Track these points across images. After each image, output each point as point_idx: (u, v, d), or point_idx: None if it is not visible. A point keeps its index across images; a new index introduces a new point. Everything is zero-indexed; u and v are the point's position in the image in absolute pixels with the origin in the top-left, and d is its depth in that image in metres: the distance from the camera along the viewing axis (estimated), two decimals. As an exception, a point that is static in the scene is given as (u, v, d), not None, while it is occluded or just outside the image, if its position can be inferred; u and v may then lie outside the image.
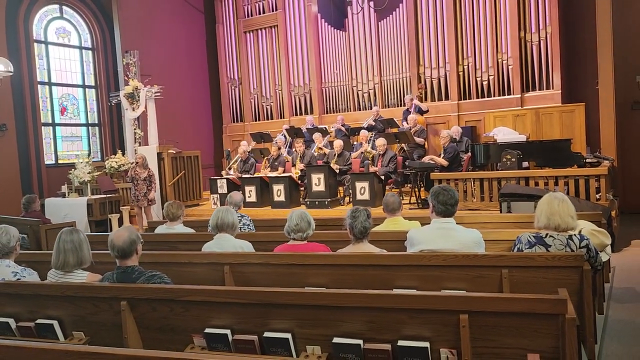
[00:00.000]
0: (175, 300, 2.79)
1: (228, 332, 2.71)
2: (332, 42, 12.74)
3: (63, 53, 12.85)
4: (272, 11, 13.46)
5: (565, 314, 2.18)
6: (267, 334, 2.64)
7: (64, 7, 12.85)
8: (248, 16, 13.86)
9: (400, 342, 2.42)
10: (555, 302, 2.20)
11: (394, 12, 11.86)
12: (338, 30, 12.69)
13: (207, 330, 2.73)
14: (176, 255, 3.81)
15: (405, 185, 9.58)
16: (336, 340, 2.52)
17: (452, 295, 2.38)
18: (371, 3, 12.07)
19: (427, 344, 2.39)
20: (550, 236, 3.00)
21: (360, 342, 2.48)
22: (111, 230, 9.94)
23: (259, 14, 13.71)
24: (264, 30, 13.65)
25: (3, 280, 3.20)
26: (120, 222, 10.23)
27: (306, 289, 2.70)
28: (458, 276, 3.17)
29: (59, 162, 12.56)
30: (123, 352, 2.08)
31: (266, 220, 6.85)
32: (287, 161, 10.34)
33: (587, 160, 7.48)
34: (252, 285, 3.51)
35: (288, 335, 2.61)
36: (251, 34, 13.83)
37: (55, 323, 3.03)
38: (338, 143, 9.69)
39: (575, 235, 3.00)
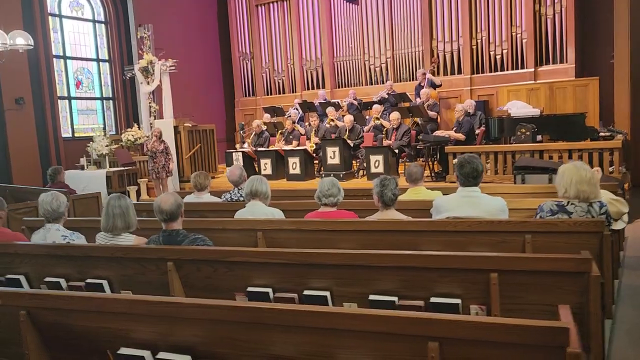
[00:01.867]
0: (220, 261, 2.98)
1: (269, 290, 2.91)
2: (344, 15, 12.73)
3: (77, 26, 12.91)
4: (284, -16, 13.42)
5: (591, 272, 2.35)
6: (306, 292, 2.83)
7: (77, -20, 12.87)
8: (260, -11, 13.83)
9: (433, 299, 2.61)
10: (581, 261, 2.37)
11: (407, -15, 11.82)
12: (350, 4, 12.66)
13: (250, 289, 2.93)
14: (211, 221, 4.00)
15: (418, 158, 9.72)
16: (372, 297, 2.71)
17: (483, 255, 2.55)
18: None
19: (458, 301, 2.57)
20: (572, 204, 3.15)
21: (395, 299, 2.67)
22: (129, 202, 10.19)
23: (271, -14, 13.67)
24: (275, 4, 13.63)
25: (54, 243, 3.40)
26: (139, 194, 10.47)
27: (343, 250, 2.87)
28: (482, 241, 3.34)
29: (76, 135, 12.75)
30: (187, 301, 2.27)
31: (282, 191, 7.05)
32: (302, 135, 10.47)
33: (601, 134, 7.58)
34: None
35: (327, 294, 2.80)
36: (263, 7, 13.82)
37: (104, 282, 3.24)
38: (348, 118, 9.78)
39: (595, 202, 3.15)
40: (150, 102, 11.75)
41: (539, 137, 7.81)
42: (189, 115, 10.77)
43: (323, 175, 9.14)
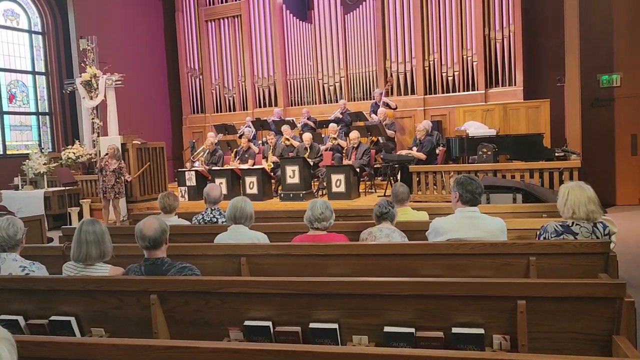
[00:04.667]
0: (212, 293, 2.66)
1: (269, 324, 2.62)
2: (297, 33, 12.61)
3: (11, 37, 12.06)
4: (235, 0, 13.17)
5: (624, 297, 2.24)
6: (312, 325, 2.56)
7: (12, -12, 12.07)
8: (210, 5, 13.50)
9: (455, 330, 2.42)
10: (614, 286, 2.26)
11: (360, 6, 11.89)
12: (303, 22, 12.58)
13: (247, 322, 2.63)
14: (189, 247, 3.65)
15: (376, 177, 9.67)
16: (387, 329, 2.48)
17: (510, 282, 2.39)
18: (338, -4, 12.02)
19: (482, 331, 2.39)
20: (577, 224, 3.09)
21: (413, 330, 2.46)
22: (71, 224, 9.48)
23: (221, 2, 13.38)
24: (226, 20, 13.34)
25: (10, 275, 2.95)
26: (81, 216, 9.76)
27: (354, 278, 2.64)
28: (484, 264, 3.21)
29: (8, 152, 11.81)
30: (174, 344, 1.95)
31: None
32: (257, 153, 10.17)
33: (556, 154, 7.80)
34: (269, 277, 3.42)
35: (335, 326, 2.55)
36: (213, 23, 13.48)
37: (72, 319, 2.83)
38: (307, 136, 9.61)
39: (599, 223, 3.10)
40: (93, 118, 11.09)
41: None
42: (137, 132, 10.20)
43: (282, 194, 8.88)
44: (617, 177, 9.48)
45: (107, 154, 8.52)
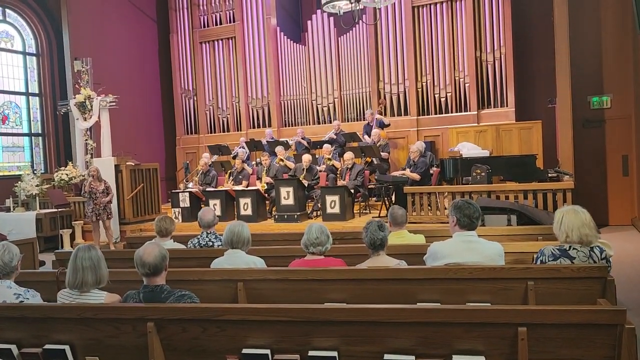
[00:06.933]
0: (210, 320, 2.64)
1: (268, 352, 2.59)
2: (291, 55, 12.72)
3: (5, 58, 12.08)
4: (230, 22, 13.29)
5: (625, 324, 2.24)
6: (311, 353, 2.54)
7: (7, 10, 12.14)
8: (204, 27, 13.61)
9: (455, 357, 2.40)
10: (615, 313, 2.26)
11: (354, 29, 12.02)
12: (297, 44, 12.70)
13: (245, 350, 2.60)
14: (186, 272, 3.62)
15: (371, 198, 9.68)
16: (388, 357, 2.46)
17: (511, 309, 2.39)
18: (331, 19, 12.15)
19: (483, 358, 2.38)
20: (574, 248, 3.10)
21: (413, 357, 2.44)
22: (62, 247, 9.39)
23: (216, 25, 13.49)
24: (220, 42, 13.44)
25: (4, 302, 2.91)
26: (73, 238, 9.67)
27: (354, 305, 2.62)
28: (482, 289, 3.20)
29: (0, 173, 11.74)
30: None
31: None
32: (251, 174, 10.17)
33: (549, 175, 7.85)
34: (267, 302, 3.39)
35: (334, 354, 2.53)
36: (207, 44, 13.58)
37: (67, 348, 2.79)
38: (307, 157, 9.59)
39: (595, 247, 3.12)
40: (86, 139, 11.06)
41: (489, 178, 7.96)
42: (131, 154, 10.18)
43: (276, 216, 8.85)
44: (610, 198, 9.55)
45: (91, 177, 8.49)
